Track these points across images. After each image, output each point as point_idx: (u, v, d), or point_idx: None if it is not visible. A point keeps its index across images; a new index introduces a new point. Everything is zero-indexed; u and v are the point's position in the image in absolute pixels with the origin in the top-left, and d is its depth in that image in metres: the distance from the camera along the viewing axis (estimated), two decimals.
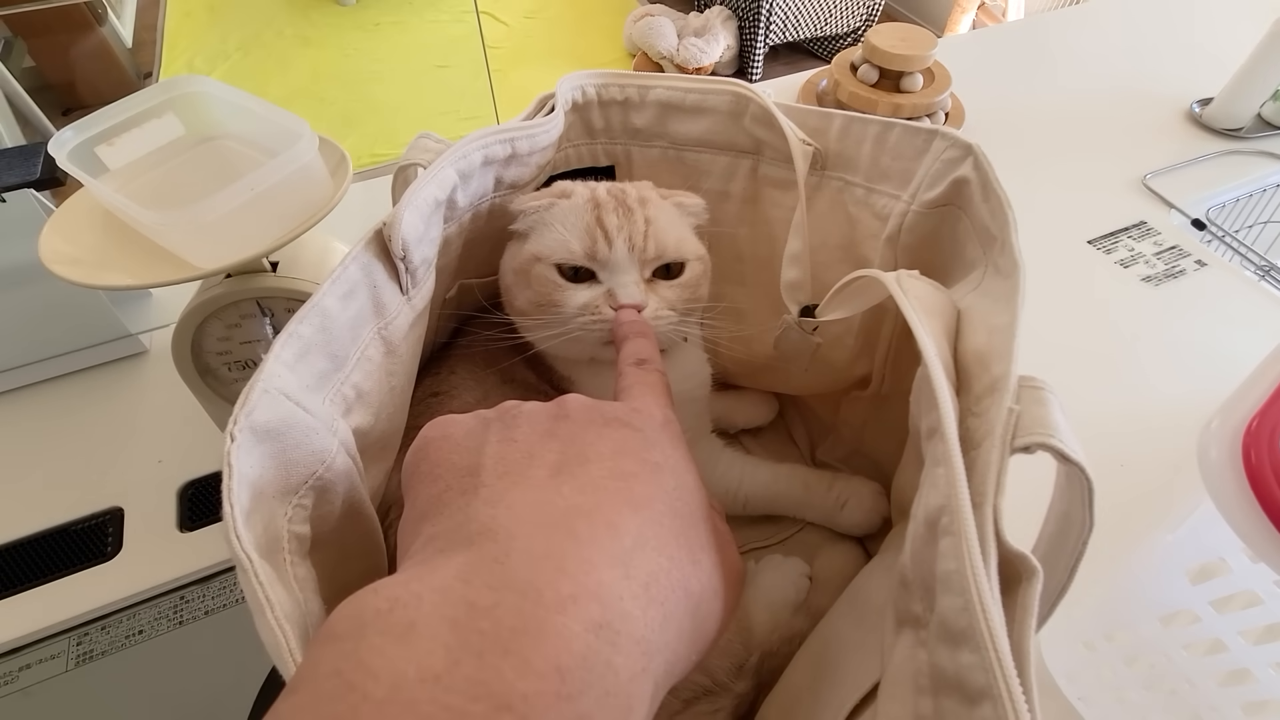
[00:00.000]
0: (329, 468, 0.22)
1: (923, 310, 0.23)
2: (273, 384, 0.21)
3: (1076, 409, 0.21)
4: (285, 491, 0.20)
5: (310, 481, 0.21)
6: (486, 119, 2.03)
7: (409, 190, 0.27)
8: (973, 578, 0.17)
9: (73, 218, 0.39)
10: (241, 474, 0.18)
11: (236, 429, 0.19)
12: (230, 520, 0.18)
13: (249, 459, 0.19)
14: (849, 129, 0.36)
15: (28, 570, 0.45)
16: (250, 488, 0.19)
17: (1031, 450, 0.19)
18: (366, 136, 2.07)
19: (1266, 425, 0.23)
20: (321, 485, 0.21)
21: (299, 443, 0.21)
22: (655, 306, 0.35)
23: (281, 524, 0.20)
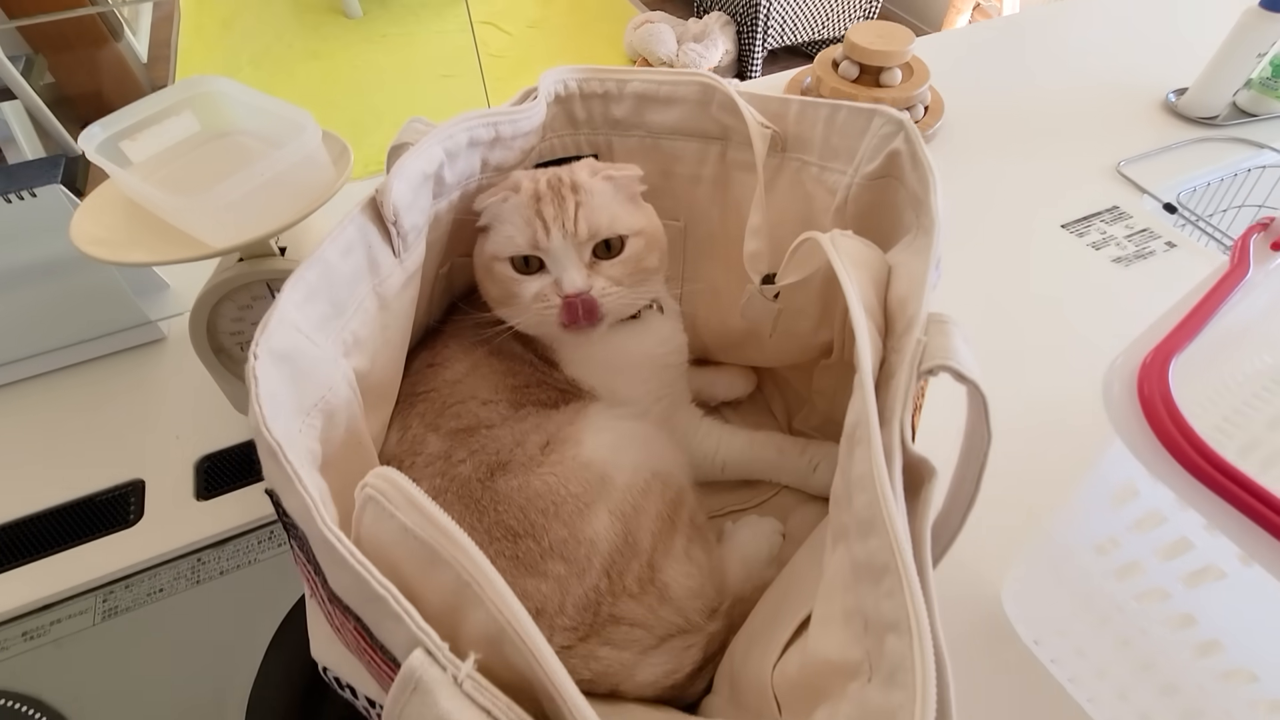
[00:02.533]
0: (334, 393, 0.25)
1: (851, 262, 0.26)
2: (286, 316, 0.24)
3: (1048, 383, 0.23)
4: (298, 410, 0.23)
5: (319, 404, 0.24)
6: None
7: (398, 162, 0.30)
8: (878, 476, 0.20)
9: (100, 205, 0.43)
10: (265, 385, 0.22)
11: (258, 349, 0.22)
12: (259, 416, 0.21)
13: (268, 377, 0.22)
14: (804, 112, 0.39)
15: (57, 536, 0.49)
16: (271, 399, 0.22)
17: (935, 373, 0.22)
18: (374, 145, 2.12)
19: (1159, 359, 0.26)
20: (329, 409, 0.25)
21: (308, 369, 0.24)
22: (601, 287, 0.38)
23: (296, 437, 0.23)
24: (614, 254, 0.39)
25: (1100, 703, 0.38)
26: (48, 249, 0.52)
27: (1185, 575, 0.27)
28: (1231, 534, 0.22)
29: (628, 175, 0.41)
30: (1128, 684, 0.35)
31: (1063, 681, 0.40)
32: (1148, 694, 0.34)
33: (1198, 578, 0.27)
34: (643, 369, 0.45)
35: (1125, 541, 0.30)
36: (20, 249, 0.51)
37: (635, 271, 0.40)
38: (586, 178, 0.39)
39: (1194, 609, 0.28)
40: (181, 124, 0.46)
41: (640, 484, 0.38)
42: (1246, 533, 0.22)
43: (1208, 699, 0.31)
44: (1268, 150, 0.79)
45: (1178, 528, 0.27)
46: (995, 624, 0.43)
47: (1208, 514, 0.23)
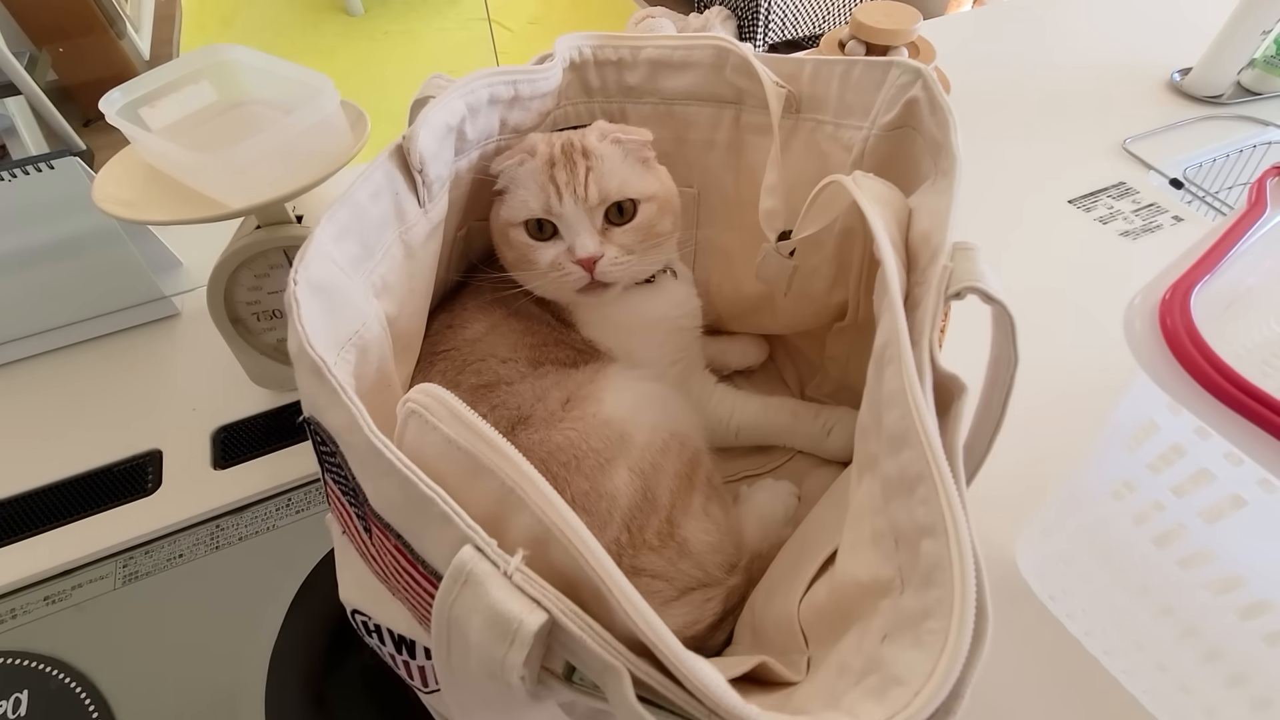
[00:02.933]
0: (368, 328, 0.25)
1: (873, 199, 0.27)
2: (322, 249, 0.24)
3: (1057, 353, 0.23)
4: (334, 343, 0.24)
5: (353, 339, 0.24)
6: None
7: (424, 113, 0.31)
8: (909, 386, 0.20)
9: (120, 171, 0.43)
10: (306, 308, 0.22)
11: (297, 277, 0.22)
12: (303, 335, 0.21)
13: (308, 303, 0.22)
14: (818, 71, 0.39)
15: (76, 504, 0.49)
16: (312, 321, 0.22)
17: (962, 296, 0.23)
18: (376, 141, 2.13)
19: (1180, 293, 0.26)
20: (362, 344, 0.25)
21: (342, 302, 0.24)
22: (612, 255, 0.39)
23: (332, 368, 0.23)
24: (626, 219, 0.39)
25: (1116, 654, 0.39)
26: (65, 224, 0.52)
27: (1205, 509, 0.28)
28: (1258, 455, 0.23)
29: (636, 139, 0.41)
30: (1146, 632, 0.35)
31: (1078, 636, 0.40)
32: (1166, 639, 0.34)
33: (1218, 511, 0.27)
34: (658, 331, 0.45)
35: (1142, 483, 0.30)
36: (38, 224, 0.51)
37: (648, 237, 0.40)
38: (595, 142, 0.40)
39: (1213, 544, 0.28)
40: (199, 93, 0.46)
41: (659, 443, 0.39)
42: (1274, 453, 0.22)
43: (1228, 638, 0.31)
44: (1273, 128, 0.79)
45: (1197, 460, 0.27)
46: (1010, 584, 0.44)
47: (1234, 438, 0.23)
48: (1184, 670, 0.34)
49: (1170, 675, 0.36)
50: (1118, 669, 0.39)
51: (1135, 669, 0.38)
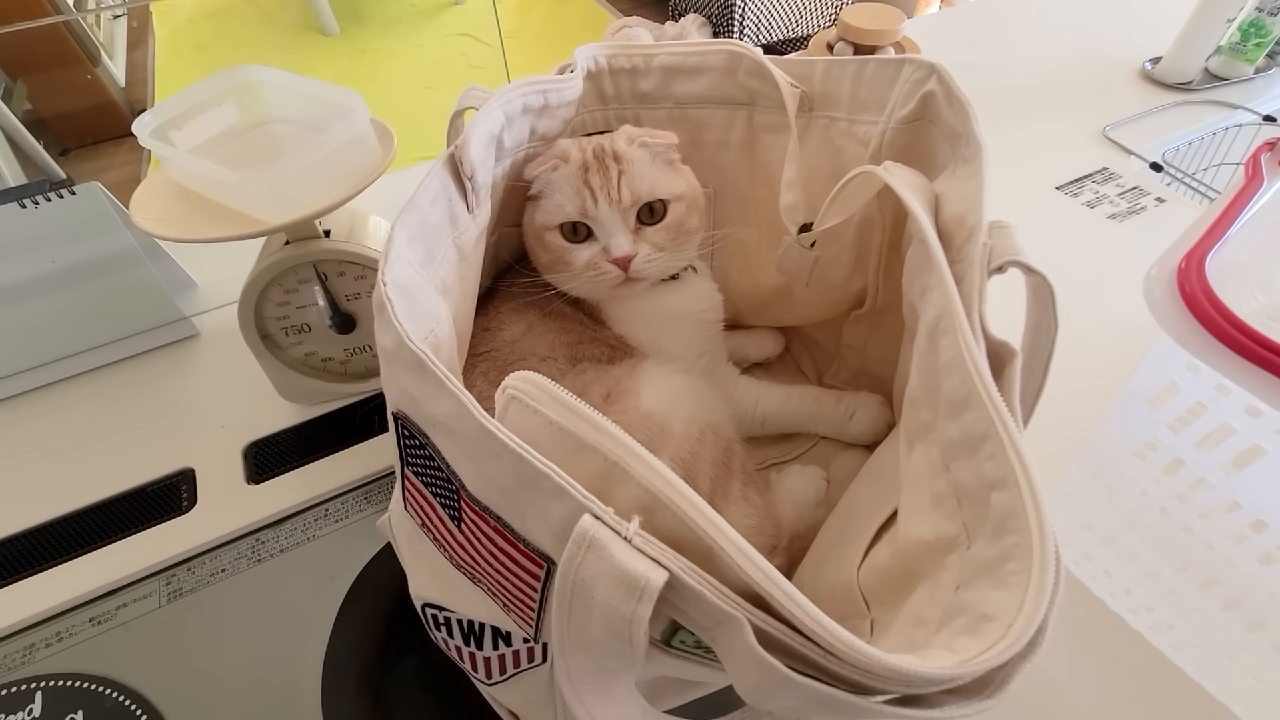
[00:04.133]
0: (441, 326, 0.26)
1: (906, 186, 0.29)
2: (401, 253, 0.25)
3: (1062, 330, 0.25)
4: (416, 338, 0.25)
5: (428, 337, 0.26)
6: None
7: (471, 123, 0.32)
8: (967, 352, 0.22)
9: (151, 194, 0.44)
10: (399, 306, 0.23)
11: (386, 279, 0.24)
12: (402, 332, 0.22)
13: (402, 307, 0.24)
14: (830, 70, 0.41)
15: (113, 525, 0.49)
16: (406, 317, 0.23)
17: (1004, 270, 0.25)
18: None
19: (1195, 259, 0.29)
20: (435, 343, 0.26)
21: (421, 301, 0.25)
22: (645, 253, 0.41)
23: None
24: (657, 219, 0.41)
25: (1140, 611, 0.41)
26: (88, 249, 0.53)
27: (1226, 461, 0.30)
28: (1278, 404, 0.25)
29: (663, 142, 0.43)
30: (1168, 586, 0.37)
31: (1104, 596, 0.42)
32: (1189, 590, 0.36)
33: (1239, 462, 0.29)
34: (685, 325, 0.47)
35: (1164, 442, 0.32)
36: (62, 249, 0.52)
37: (678, 235, 0.42)
38: (625, 146, 0.41)
39: (1235, 494, 0.30)
40: (223, 114, 0.47)
41: (695, 433, 0.40)
42: None
43: (1248, 585, 0.33)
44: (1241, 110, 0.83)
45: (1218, 415, 0.29)
46: None
47: (1255, 389, 0.25)
48: (1206, 619, 0.36)
49: (1193, 625, 0.38)
50: (1143, 625, 0.41)
51: (1159, 623, 0.40)
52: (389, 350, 0.23)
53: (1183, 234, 0.31)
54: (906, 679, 0.17)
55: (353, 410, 0.55)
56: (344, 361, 0.54)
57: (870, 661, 0.16)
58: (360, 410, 0.55)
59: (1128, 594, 0.41)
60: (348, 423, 0.55)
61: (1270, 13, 0.83)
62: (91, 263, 0.53)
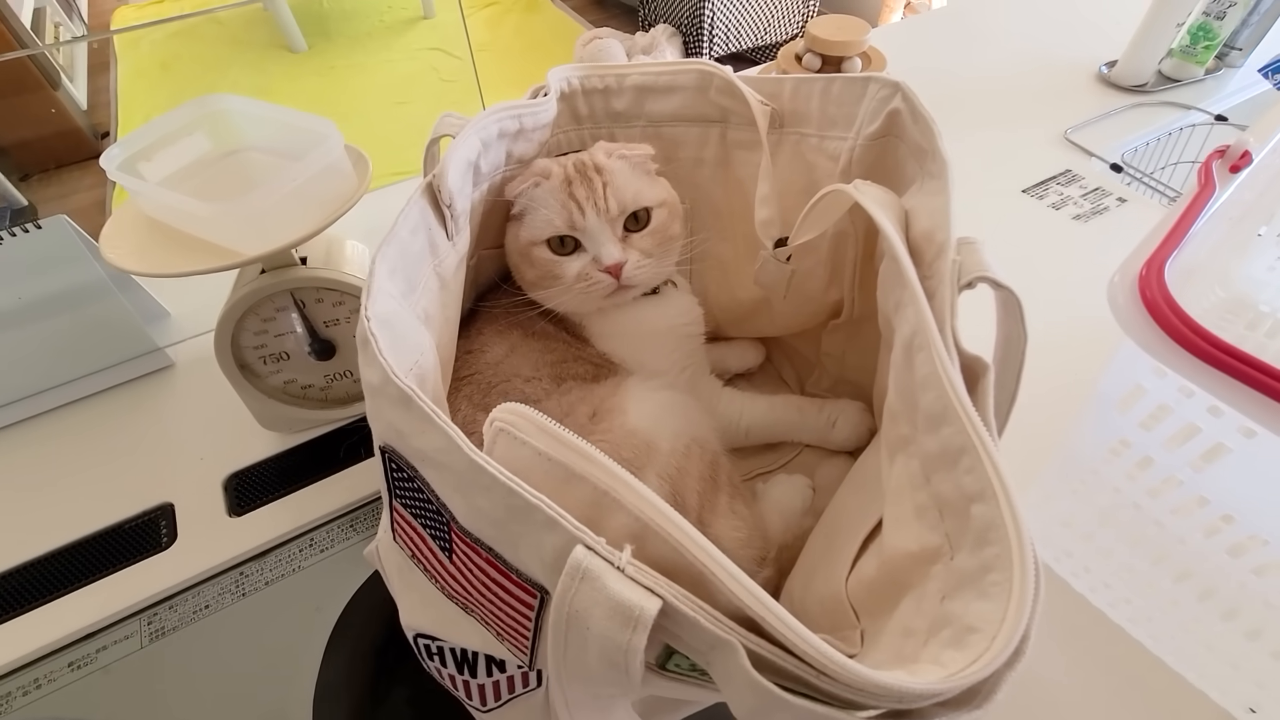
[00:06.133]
0: (425, 357, 0.26)
1: (876, 205, 0.29)
2: (382, 286, 0.25)
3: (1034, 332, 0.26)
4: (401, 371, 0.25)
5: (413, 368, 0.26)
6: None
7: (448, 152, 0.32)
8: (942, 369, 0.23)
9: (123, 225, 0.43)
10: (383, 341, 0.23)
11: (369, 314, 0.24)
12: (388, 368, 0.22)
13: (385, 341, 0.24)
14: (799, 88, 0.42)
15: (90, 565, 0.48)
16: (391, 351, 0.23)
17: (974, 285, 0.25)
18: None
19: (1155, 267, 0.30)
20: (420, 373, 0.26)
21: (404, 333, 0.25)
22: (635, 261, 0.42)
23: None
24: (642, 226, 0.42)
25: (1120, 604, 0.42)
26: (56, 281, 0.52)
27: (1193, 459, 0.31)
28: (1239, 405, 0.26)
29: (639, 154, 0.43)
30: (1144, 579, 0.39)
31: (1084, 592, 0.44)
32: (1164, 583, 0.37)
33: (1205, 459, 0.30)
34: (667, 340, 0.47)
35: (1135, 441, 0.33)
36: (29, 283, 0.51)
37: (663, 241, 0.42)
38: (605, 159, 0.42)
39: (1203, 491, 0.32)
40: (194, 143, 0.47)
41: (681, 448, 0.41)
42: (1252, 402, 0.25)
43: (1219, 576, 0.34)
44: (1195, 111, 0.86)
45: (1184, 416, 0.30)
46: None
47: (1216, 391, 0.26)
48: (1182, 610, 0.38)
49: (1170, 616, 0.39)
50: (1123, 618, 0.42)
51: (1138, 615, 0.41)
52: (374, 385, 0.23)
53: (1142, 241, 0.32)
54: (897, 695, 0.17)
55: (335, 438, 0.55)
56: (324, 388, 0.53)
57: (861, 679, 0.17)
58: (345, 442, 0.54)
59: (1107, 588, 0.42)
60: (330, 450, 0.54)
61: (1216, 16, 0.86)
62: (60, 296, 0.52)
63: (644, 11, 2.68)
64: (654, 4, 2.62)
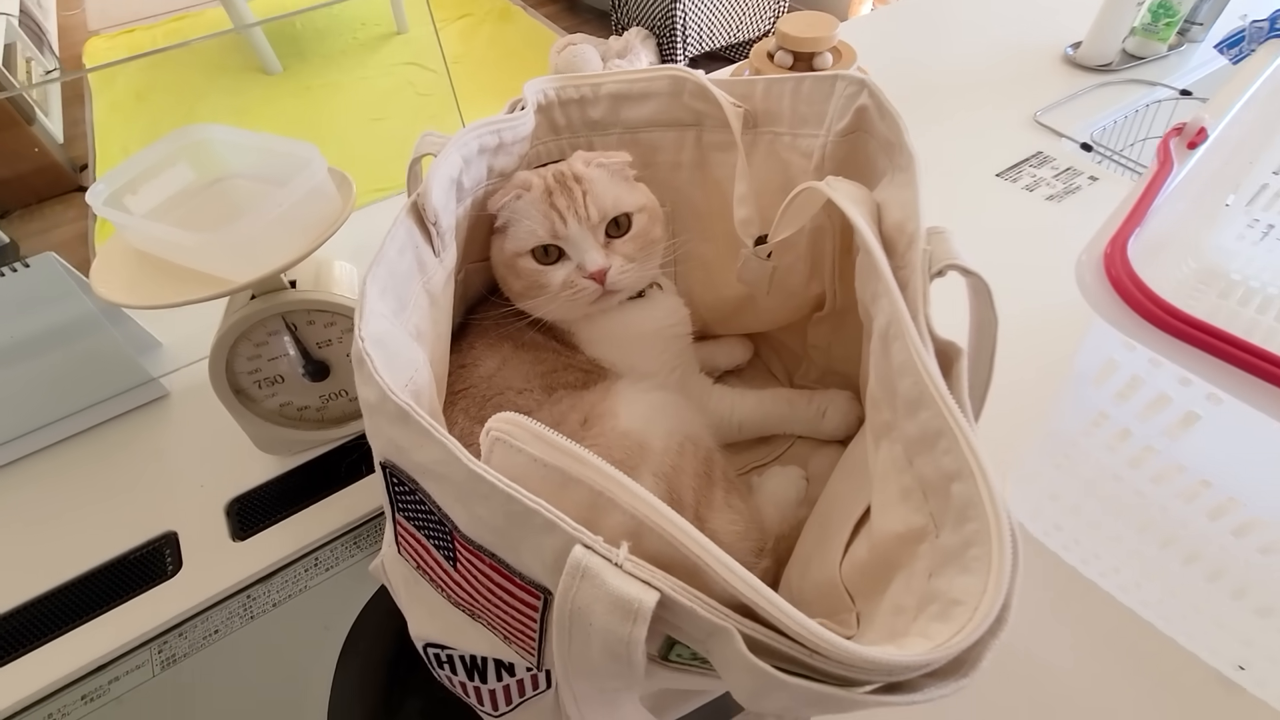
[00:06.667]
0: (419, 372, 0.27)
1: (849, 200, 0.30)
2: (374, 307, 0.26)
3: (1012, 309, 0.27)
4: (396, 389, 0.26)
5: (408, 384, 0.26)
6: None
7: (430, 170, 0.33)
8: (917, 356, 0.24)
9: (111, 259, 0.44)
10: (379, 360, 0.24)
11: (361, 335, 0.24)
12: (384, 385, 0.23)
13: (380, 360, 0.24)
14: (770, 89, 0.43)
15: (98, 598, 0.48)
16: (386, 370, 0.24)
17: (944, 273, 0.26)
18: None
19: (1118, 245, 0.31)
20: (415, 388, 0.27)
21: (398, 351, 0.26)
22: (618, 266, 0.42)
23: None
24: (624, 231, 0.43)
25: (1109, 573, 0.43)
26: (47, 318, 0.52)
27: (1167, 428, 0.32)
28: (1202, 373, 0.27)
29: (617, 160, 0.44)
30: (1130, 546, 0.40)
31: (1076, 564, 0.45)
32: (1150, 549, 0.38)
33: (1179, 428, 0.31)
34: (655, 342, 0.48)
35: (1112, 414, 0.34)
36: (19, 322, 0.51)
37: (645, 245, 0.43)
38: (583, 168, 0.43)
39: (1179, 458, 0.33)
40: (177, 174, 0.47)
41: (675, 447, 0.41)
42: (1214, 369, 0.26)
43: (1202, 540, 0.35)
44: (1160, 87, 0.88)
45: (1155, 386, 0.31)
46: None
47: (1181, 361, 0.27)
48: (1169, 575, 0.39)
49: (1158, 582, 0.40)
50: (1113, 586, 0.43)
51: (1127, 583, 0.43)
52: (372, 403, 0.24)
53: (1107, 220, 0.33)
54: (886, 668, 0.18)
55: (334, 457, 0.55)
56: (320, 409, 0.54)
57: (850, 656, 0.18)
58: (345, 460, 0.54)
59: (1096, 559, 0.43)
60: (329, 470, 0.55)
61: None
62: (51, 333, 0.52)
63: (616, 15, 2.69)
64: (626, 7, 2.63)
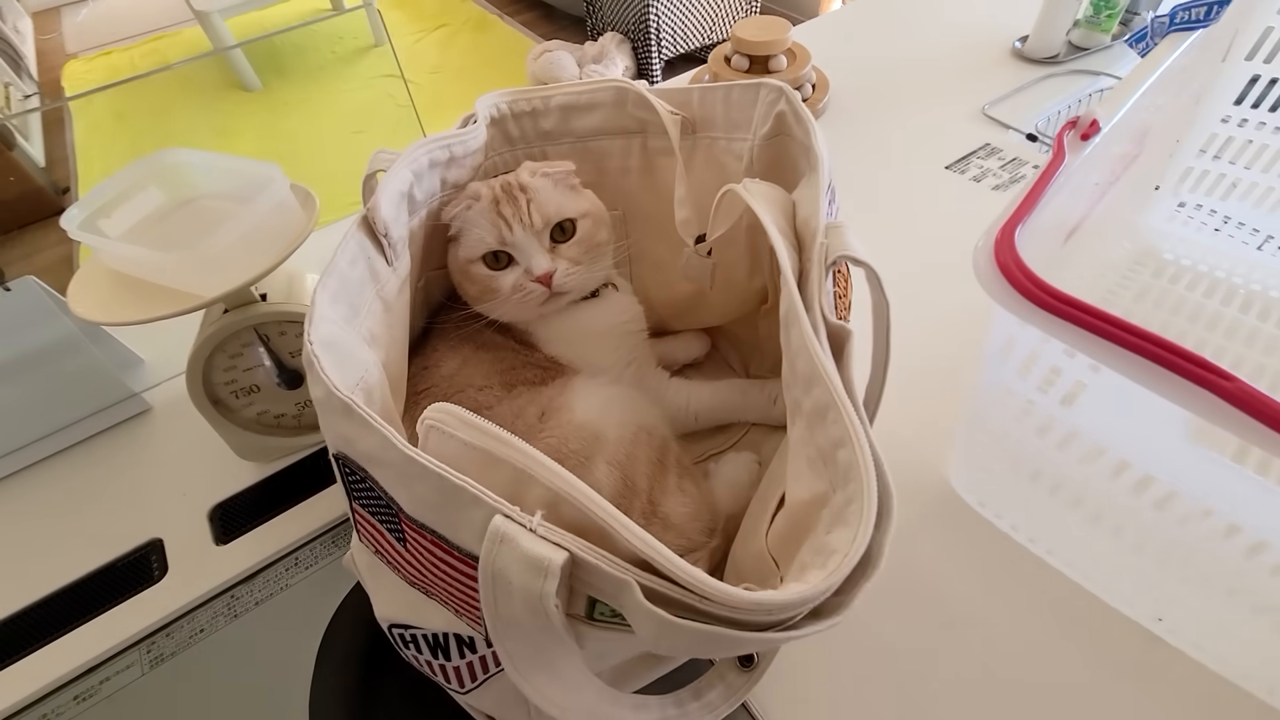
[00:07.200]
0: (369, 373, 0.30)
1: (762, 200, 0.33)
2: (324, 314, 0.29)
3: (958, 298, 0.29)
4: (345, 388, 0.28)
5: (359, 384, 0.29)
6: None
7: (380, 185, 0.36)
8: (808, 339, 0.27)
9: (87, 280, 0.46)
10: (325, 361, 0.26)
11: (311, 338, 0.27)
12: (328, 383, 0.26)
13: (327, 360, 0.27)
14: (704, 97, 0.46)
15: (87, 604, 0.51)
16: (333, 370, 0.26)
17: (838, 264, 0.29)
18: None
19: (1006, 233, 0.34)
20: (366, 388, 0.30)
21: (347, 354, 0.29)
22: (564, 268, 0.45)
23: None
24: (569, 236, 0.45)
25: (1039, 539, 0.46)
26: (29, 340, 0.54)
27: (1061, 398, 0.35)
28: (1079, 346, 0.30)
29: (561, 169, 0.47)
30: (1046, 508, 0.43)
31: (1007, 530, 0.48)
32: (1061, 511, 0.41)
33: (1070, 397, 0.34)
34: (609, 339, 0.51)
35: (1015, 388, 0.37)
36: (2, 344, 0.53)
37: (590, 248, 0.46)
38: (528, 178, 0.45)
39: (1075, 424, 0.36)
40: (149, 197, 0.50)
41: (629, 436, 0.44)
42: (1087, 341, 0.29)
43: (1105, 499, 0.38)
44: (1103, 76, 0.91)
45: (1047, 360, 0.34)
46: (950, 501, 0.51)
47: (1060, 336, 0.30)
48: (1082, 534, 0.42)
49: (1077, 543, 0.43)
50: (1041, 550, 0.46)
51: (1056, 547, 0.46)
52: (321, 400, 0.27)
53: (1003, 210, 0.36)
54: (765, 608, 0.21)
55: (312, 462, 0.58)
56: (296, 415, 0.56)
57: (732, 598, 0.20)
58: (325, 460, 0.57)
59: (1025, 526, 0.46)
60: (307, 473, 0.57)
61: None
62: (34, 353, 0.55)
63: (591, 21, 2.72)
64: (601, 13, 2.66)
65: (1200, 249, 0.66)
